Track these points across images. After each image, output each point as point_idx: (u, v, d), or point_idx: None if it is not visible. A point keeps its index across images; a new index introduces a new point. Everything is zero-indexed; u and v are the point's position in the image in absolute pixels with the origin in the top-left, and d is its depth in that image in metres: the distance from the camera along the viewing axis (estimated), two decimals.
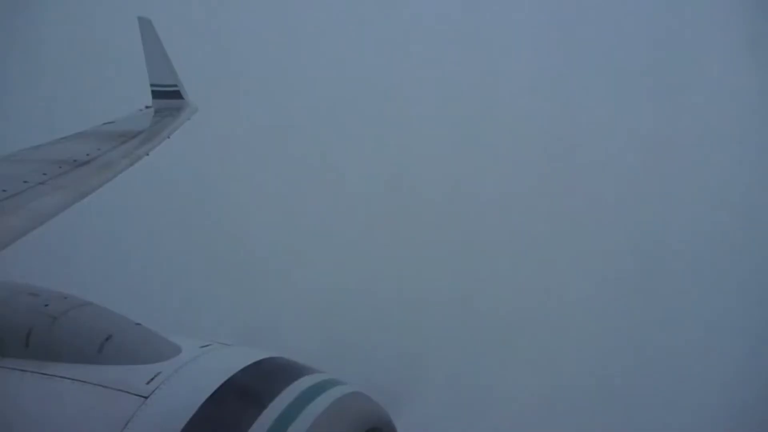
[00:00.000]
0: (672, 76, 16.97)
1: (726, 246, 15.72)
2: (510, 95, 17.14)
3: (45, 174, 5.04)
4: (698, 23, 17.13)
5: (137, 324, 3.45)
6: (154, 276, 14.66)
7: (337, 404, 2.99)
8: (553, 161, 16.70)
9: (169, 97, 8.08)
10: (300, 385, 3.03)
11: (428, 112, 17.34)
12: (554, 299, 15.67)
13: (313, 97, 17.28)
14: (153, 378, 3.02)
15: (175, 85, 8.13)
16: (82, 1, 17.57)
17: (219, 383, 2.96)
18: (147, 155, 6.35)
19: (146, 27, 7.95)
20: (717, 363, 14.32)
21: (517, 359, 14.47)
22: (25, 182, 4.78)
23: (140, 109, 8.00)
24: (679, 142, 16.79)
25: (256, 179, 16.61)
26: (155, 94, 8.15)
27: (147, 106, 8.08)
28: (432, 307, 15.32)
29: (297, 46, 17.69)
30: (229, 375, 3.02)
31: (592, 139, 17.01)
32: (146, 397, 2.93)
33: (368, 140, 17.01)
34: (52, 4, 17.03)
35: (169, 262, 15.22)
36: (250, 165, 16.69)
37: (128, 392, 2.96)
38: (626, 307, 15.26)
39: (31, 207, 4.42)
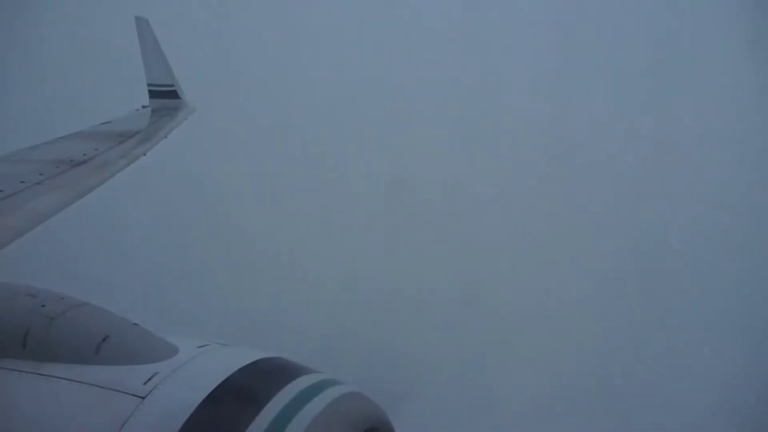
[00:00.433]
0: (672, 76, 16.96)
1: (726, 246, 15.72)
2: (510, 95, 17.13)
3: (42, 174, 5.02)
4: (698, 23, 17.13)
5: (134, 324, 3.44)
6: (152, 276, 14.65)
7: (334, 404, 2.99)
8: (554, 161, 16.69)
9: (166, 97, 8.08)
10: (298, 385, 3.03)
11: (429, 111, 17.33)
12: (555, 299, 15.68)
13: (313, 97, 17.26)
14: (150, 378, 3.01)
15: (172, 85, 8.13)
16: (82, 1, 17.56)
17: (216, 383, 2.96)
18: (144, 155, 6.34)
19: (143, 27, 7.95)
20: (717, 363, 14.32)
21: (518, 359, 14.47)
22: (22, 182, 4.76)
23: (137, 109, 7.99)
24: (679, 142, 16.80)
25: (254, 179, 16.60)
26: (152, 94, 8.15)
27: (144, 106, 8.08)
28: (431, 307, 15.33)
29: (297, 46, 17.67)
30: (227, 375, 3.01)
31: (592, 139, 17.01)
32: (143, 398, 2.92)
33: (368, 140, 17.00)
34: (52, 4, 17.02)
35: (166, 263, 15.22)
36: (248, 165, 16.68)
37: (125, 392, 2.95)
38: (626, 308, 15.27)
39: (28, 207, 4.40)
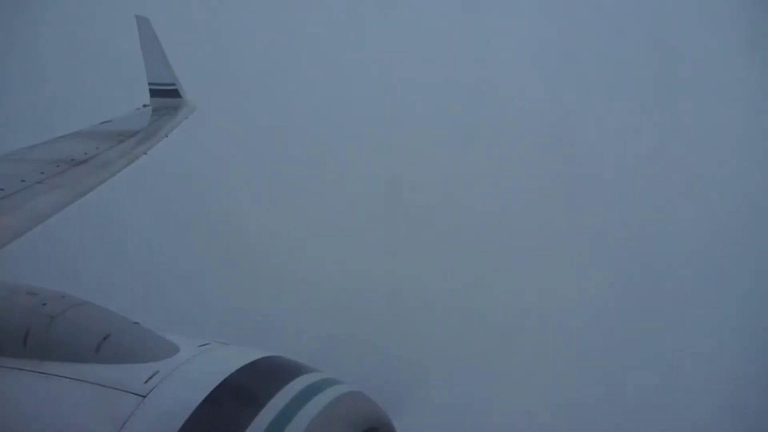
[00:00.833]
0: (672, 76, 16.95)
1: (727, 246, 15.69)
2: (510, 95, 17.12)
3: (42, 173, 5.03)
4: (698, 23, 17.12)
5: (135, 323, 3.45)
6: (152, 275, 14.64)
7: (335, 403, 2.99)
8: (554, 161, 16.67)
9: (167, 96, 8.07)
10: (298, 384, 3.03)
11: (429, 112, 17.31)
12: (556, 298, 15.63)
13: (313, 97, 17.25)
14: (151, 377, 3.01)
15: (173, 84, 8.12)
16: (82, 1, 17.55)
17: (217, 382, 2.96)
18: (145, 154, 6.35)
19: (144, 26, 7.95)
20: (718, 364, 14.29)
21: (518, 360, 14.44)
22: (22, 181, 4.77)
23: (138, 108, 7.99)
24: (678, 142, 16.78)
25: (255, 178, 16.59)
26: (153, 93, 8.14)
27: (145, 105, 8.08)
28: (432, 306, 15.31)
29: (297, 46, 17.66)
30: (227, 374, 3.02)
31: (592, 139, 16.99)
32: (144, 396, 2.93)
33: (369, 140, 16.99)
34: (52, 4, 17.02)
35: (166, 262, 15.21)
36: (249, 165, 16.67)
37: (126, 391, 2.96)
38: (626, 308, 15.23)
39: (28, 206, 4.41)
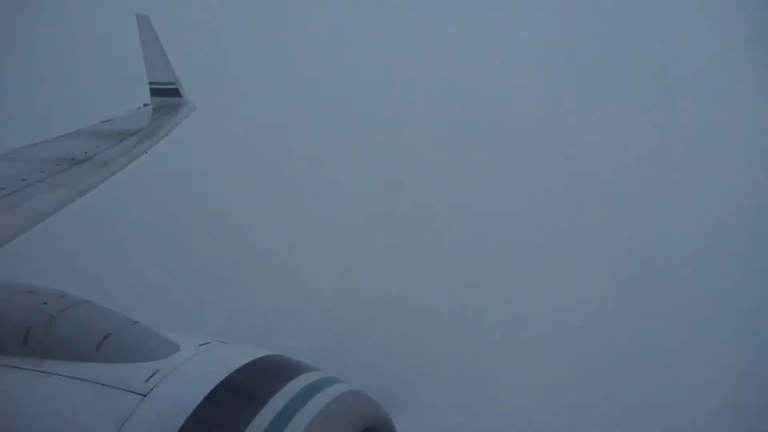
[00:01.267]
0: (671, 76, 16.94)
1: (727, 247, 15.68)
2: (510, 96, 17.11)
3: (43, 172, 5.02)
4: (698, 23, 17.12)
5: (135, 322, 3.45)
6: (153, 274, 14.64)
7: (335, 402, 3.00)
8: (554, 162, 16.66)
9: (167, 95, 8.06)
10: (298, 383, 3.04)
11: (429, 112, 17.31)
12: (555, 300, 15.61)
13: (313, 97, 17.25)
14: (151, 376, 3.02)
15: (174, 83, 8.11)
16: (82, 1, 17.55)
17: (217, 381, 2.97)
18: (145, 153, 6.35)
19: (144, 24, 7.95)
20: (719, 367, 14.27)
21: (518, 360, 14.44)
22: (23, 180, 4.77)
23: (138, 107, 7.99)
24: (678, 142, 16.77)
25: (255, 178, 16.60)
26: (154, 92, 8.13)
27: (145, 104, 8.08)
28: (433, 306, 15.31)
29: (297, 46, 17.66)
30: (228, 373, 3.03)
31: (592, 139, 16.98)
32: (144, 395, 2.94)
33: (369, 140, 16.99)
34: (52, 4, 17.02)
35: (167, 261, 15.21)
36: (249, 164, 16.67)
37: (126, 390, 2.96)
38: (626, 308, 15.21)
39: (28, 205, 4.41)
